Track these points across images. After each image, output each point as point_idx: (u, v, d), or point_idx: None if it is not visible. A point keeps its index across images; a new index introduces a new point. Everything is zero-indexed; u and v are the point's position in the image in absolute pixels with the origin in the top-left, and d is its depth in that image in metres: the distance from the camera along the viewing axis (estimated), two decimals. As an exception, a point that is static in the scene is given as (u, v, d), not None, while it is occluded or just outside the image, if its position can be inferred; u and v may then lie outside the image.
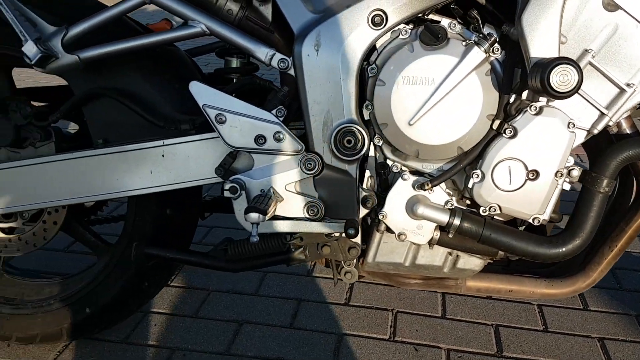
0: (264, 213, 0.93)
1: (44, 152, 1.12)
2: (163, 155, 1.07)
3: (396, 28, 0.98)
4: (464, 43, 0.94)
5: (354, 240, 1.08)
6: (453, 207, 1.01)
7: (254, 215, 0.93)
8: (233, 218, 1.04)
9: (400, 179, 1.01)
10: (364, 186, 1.05)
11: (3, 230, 1.18)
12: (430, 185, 0.97)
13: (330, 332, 1.38)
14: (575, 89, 0.82)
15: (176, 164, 1.07)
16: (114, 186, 1.09)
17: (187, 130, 1.06)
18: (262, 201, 0.96)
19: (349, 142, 1.00)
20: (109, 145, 1.08)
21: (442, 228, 1.01)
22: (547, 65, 0.81)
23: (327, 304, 1.49)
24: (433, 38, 0.93)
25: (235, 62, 1.21)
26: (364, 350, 1.33)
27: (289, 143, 1.01)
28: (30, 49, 0.94)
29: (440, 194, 1.01)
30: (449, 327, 1.42)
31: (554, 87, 0.81)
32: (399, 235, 1.03)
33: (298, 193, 1.03)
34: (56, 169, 1.08)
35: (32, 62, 0.95)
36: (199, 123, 1.05)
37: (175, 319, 1.41)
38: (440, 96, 0.93)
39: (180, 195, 1.18)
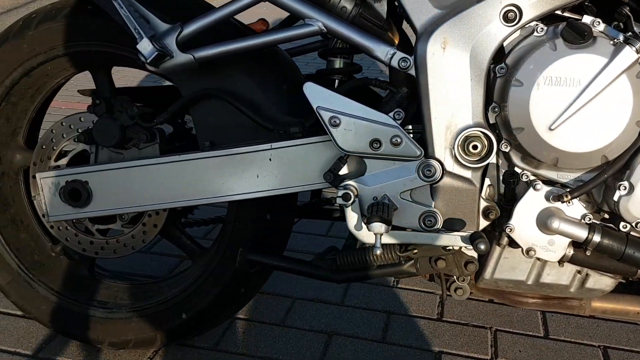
0: (389, 223, 0.87)
1: (147, 153, 1.09)
2: (270, 159, 1.02)
3: (527, 25, 0.89)
4: (612, 42, 0.84)
5: (470, 254, 1.00)
6: (591, 221, 0.91)
7: (378, 226, 0.86)
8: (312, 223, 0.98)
9: (531, 189, 0.92)
10: (483, 196, 0.97)
11: (100, 231, 1.16)
12: (569, 197, 0.88)
13: (427, 349, 1.30)
14: None
15: (283, 168, 1.02)
16: (219, 190, 1.05)
17: (295, 133, 1.01)
18: (383, 210, 0.90)
19: (474, 147, 0.92)
20: (216, 148, 1.03)
21: (577, 244, 0.92)
22: None
23: (419, 318, 1.41)
24: (578, 36, 0.84)
25: (338, 63, 1.15)
26: (465, 370, 1.25)
27: (407, 148, 0.94)
28: (145, 46, 0.91)
29: (577, 207, 0.91)
30: (554, 348, 1.32)
31: None
32: (527, 251, 0.94)
33: (413, 202, 0.96)
34: (162, 171, 1.04)
35: (147, 61, 0.92)
36: (309, 126, 1.00)
37: (263, 326, 1.37)
38: (586, 99, 0.84)
39: (280, 200, 1.14)
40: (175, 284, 1.21)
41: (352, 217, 0.96)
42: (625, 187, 0.85)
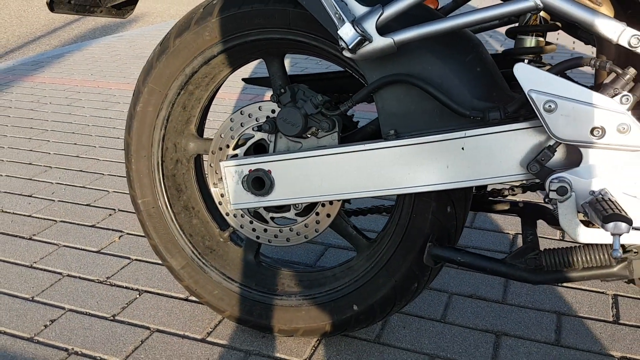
0: (630, 222, 0.77)
1: (326, 142, 1.06)
2: (463, 148, 0.95)
3: None
4: None
5: (696, 256, 0.89)
6: None
7: (619, 225, 0.77)
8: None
9: None
10: None
11: (273, 219, 1.16)
12: None
13: (607, 354, 1.19)
14: None
15: (477, 158, 0.95)
16: (403, 181, 1.00)
17: (494, 120, 0.93)
18: (617, 207, 0.80)
19: None
20: (402, 136, 0.98)
21: None
22: None
23: (593, 321, 1.30)
24: None
25: (529, 41, 1.06)
26: (658, 381, 1.13)
27: (635, 136, 0.84)
28: (347, 32, 0.87)
29: None
30: None
31: None
32: None
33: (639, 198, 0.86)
34: (344, 161, 1.01)
35: (349, 47, 0.87)
36: (512, 111, 0.92)
37: (422, 321, 1.32)
38: None
39: (461, 192, 1.07)
40: (343, 275, 1.18)
41: (566, 214, 0.88)
42: None
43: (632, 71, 0.85)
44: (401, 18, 0.92)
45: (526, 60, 1.07)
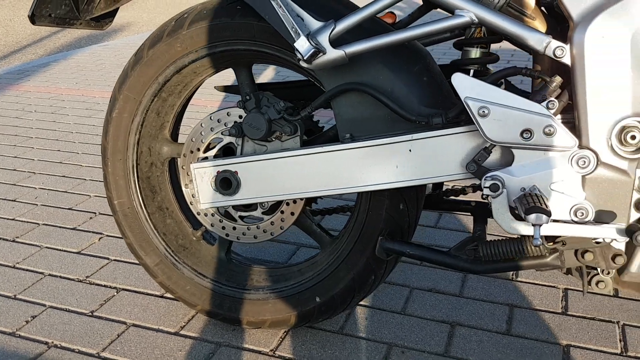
0: (549, 214, 0.87)
1: (289, 145, 1.15)
2: (410, 150, 1.05)
3: (692, 10, 0.86)
4: None
5: (618, 247, 0.98)
6: None
7: (538, 216, 0.87)
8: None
9: (693, 180, 0.89)
10: (636, 187, 0.95)
11: (241, 218, 1.24)
12: None
13: (554, 342, 1.29)
14: None
15: (423, 159, 1.05)
16: (358, 180, 1.09)
17: (437, 124, 1.02)
18: (540, 200, 0.90)
19: (632, 137, 0.90)
20: (356, 140, 1.07)
21: None
22: None
23: (543, 312, 1.39)
24: None
25: (475, 53, 1.16)
26: (597, 365, 1.22)
27: (560, 138, 0.93)
28: (302, 44, 0.96)
29: None
30: (693, 348, 1.26)
31: None
32: (684, 244, 0.91)
33: (564, 193, 0.96)
34: (305, 162, 1.10)
35: (304, 58, 0.97)
36: (452, 116, 1.01)
37: (383, 313, 1.40)
38: None
39: (413, 191, 1.16)
40: (308, 269, 1.27)
41: (499, 208, 0.97)
42: None
43: (558, 79, 0.95)
44: (354, 31, 1.02)
45: (472, 70, 1.17)
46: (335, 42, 0.99)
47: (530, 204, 0.89)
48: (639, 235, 0.89)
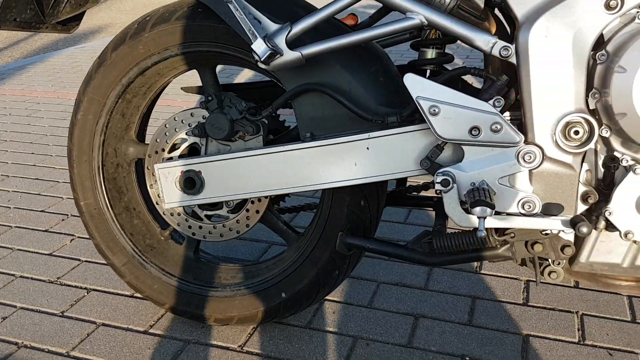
0: (493, 207, 0.91)
1: (252, 145, 1.17)
2: (368, 148, 1.08)
3: (628, 12, 0.90)
4: None
5: (567, 238, 1.03)
6: (697, 204, 0.92)
7: (480, 209, 0.90)
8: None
9: (631, 173, 0.94)
10: (581, 180, 0.99)
11: (207, 217, 1.26)
12: (675, 181, 0.89)
13: (514, 332, 1.33)
14: None
15: (380, 156, 1.08)
16: (319, 178, 1.12)
17: (393, 123, 1.06)
18: (484, 194, 0.94)
19: (576, 132, 0.94)
20: (317, 138, 1.10)
21: (681, 227, 0.93)
22: None
23: (504, 303, 1.44)
24: (684, 20, 0.85)
25: (430, 53, 1.19)
26: (554, 352, 1.27)
27: (506, 134, 0.97)
28: (259, 46, 0.99)
29: (681, 190, 0.92)
30: (645, 335, 1.32)
31: None
32: (626, 234, 0.96)
33: (512, 187, 1.00)
34: (267, 161, 1.12)
35: (261, 60, 0.99)
36: (406, 115, 1.05)
37: (350, 307, 1.44)
38: (694, 83, 0.85)
39: (373, 188, 1.20)
40: (274, 266, 1.29)
41: (450, 203, 1.01)
42: None
43: (504, 78, 0.99)
44: (311, 33, 1.05)
45: (428, 70, 1.20)
46: (292, 44, 1.02)
47: (475, 197, 0.93)
48: (582, 227, 0.93)
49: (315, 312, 1.42)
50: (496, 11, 1.14)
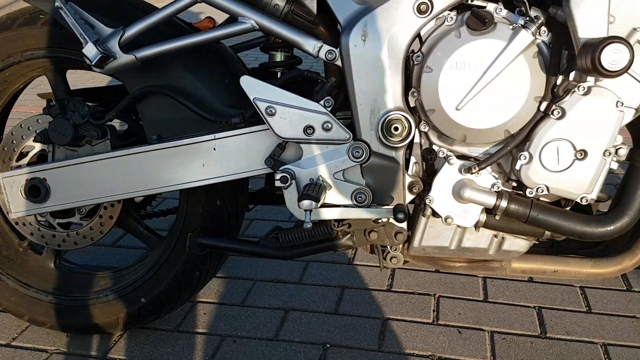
0: (317, 200, 0.97)
1: (100, 149, 1.17)
2: (214, 149, 1.11)
3: (441, 15, 0.99)
4: (510, 27, 0.95)
5: (400, 225, 1.11)
6: (499, 189, 1.03)
7: (307, 203, 0.96)
8: (274, 211, 1.07)
9: (446, 163, 1.04)
10: (410, 172, 1.08)
11: (61, 225, 1.24)
12: (477, 169, 1.00)
13: (375, 317, 1.42)
14: (627, 68, 0.83)
15: (227, 156, 1.12)
16: (168, 180, 1.13)
17: (237, 124, 1.10)
18: (314, 189, 1.00)
19: (395, 129, 1.02)
20: (163, 140, 1.12)
21: (489, 210, 1.03)
22: (597, 45, 0.82)
23: (370, 291, 1.52)
24: (480, 23, 0.94)
25: (279, 56, 1.24)
26: (409, 333, 1.36)
27: (337, 132, 1.04)
28: (90, 50, 0.99)
29: (486, 177, 1.03)
30: (492, 310, 1.44)
31: (605, 67, 0.82)
32: (446, 219, 1.05)
33: (346, 181, 1.07)
34: (113, 165, 1.13)
35: (92, 63, 1.00)
36: (249, 116, 1.09)
37: (223, 307, 1.46)
38: (487, 80, 0.95)
39: (229, 187, 1.23)
40: (135, 272, 1.29)
41: (290, 198, 1.06)
42: (526, 157, 0.97)
43: (332, 80, 1.06)
44: (152, 36, 1.06)
45: (279, 73, 1.25)
46: (127, 47, 1.03)
47: (302, 192, 0.99)
48: (399, 214, 1.02)
49: (186, 315, 1.43)
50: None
